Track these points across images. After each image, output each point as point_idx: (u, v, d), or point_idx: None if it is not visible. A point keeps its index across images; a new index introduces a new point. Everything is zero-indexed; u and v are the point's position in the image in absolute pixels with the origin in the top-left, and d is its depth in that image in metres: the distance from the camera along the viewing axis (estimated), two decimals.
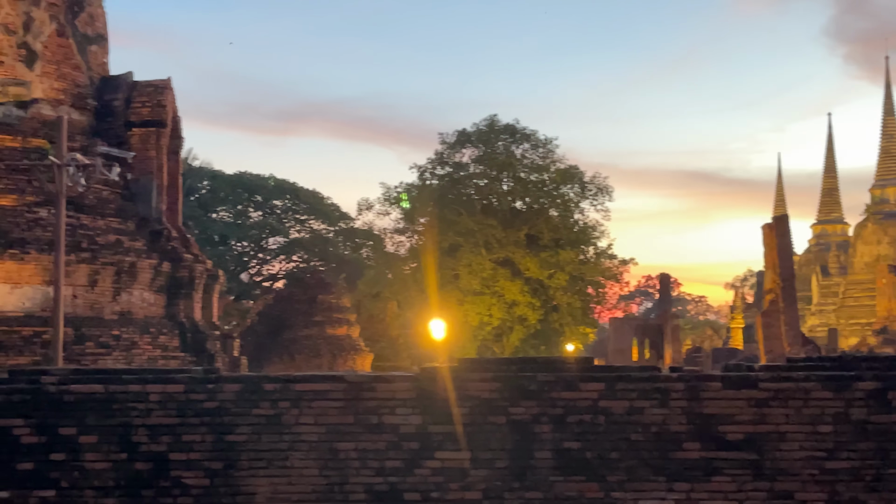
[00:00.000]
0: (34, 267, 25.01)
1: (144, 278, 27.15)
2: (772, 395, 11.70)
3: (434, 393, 11.96)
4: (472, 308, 47.66)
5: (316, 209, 65.84)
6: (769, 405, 11.68)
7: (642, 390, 11.84)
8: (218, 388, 12.13)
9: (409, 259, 53.08)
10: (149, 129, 29.12)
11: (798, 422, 11.65)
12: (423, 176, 52.11)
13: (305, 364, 45.44)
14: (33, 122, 27.15)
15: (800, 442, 11.62)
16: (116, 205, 27.93)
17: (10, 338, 24.26)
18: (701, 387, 11.82)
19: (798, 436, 11.63)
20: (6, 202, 25.81)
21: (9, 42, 27.29)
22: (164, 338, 26.97)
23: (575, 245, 50.31)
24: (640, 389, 11.84)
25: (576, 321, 51.46)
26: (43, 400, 12.08)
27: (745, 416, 11.70)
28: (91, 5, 29.50)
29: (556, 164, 51.05)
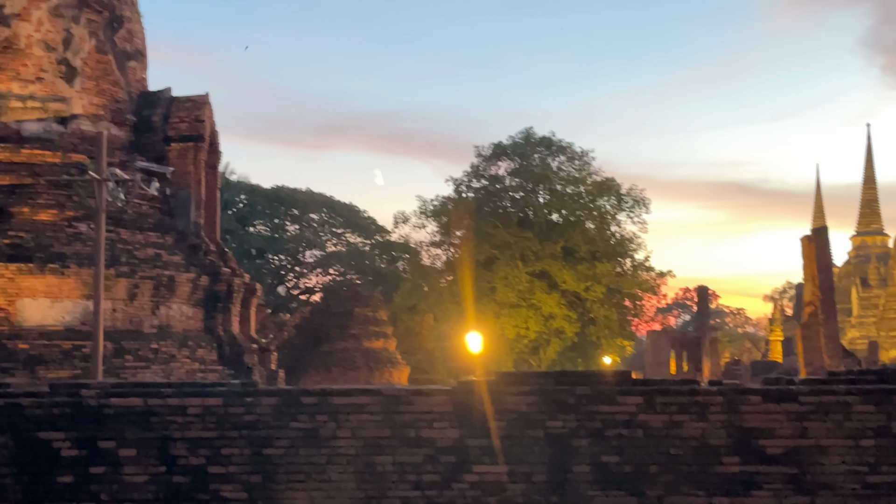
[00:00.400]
0: (74, 281, 25.23)
1: (183, 292, 27.31)
2: (812, 408, 11.60)
3: (471, 406, 11.95)
4: (509, 321, 47.59)
5: (352, 222, 66.01)
6: (810, 419, 11.58)
7: (681, 404, 11.77)
8: (256, 401, 12.18)
9: (446, 272, 53.11)
10: (187, 144, 29.34)
11: (839, 435, 11.54)
12: (459, 189, 52.20)
13: (342, 377, 45.51)
14: (73, 138, 27.40)
15: (841, 456, 11.51)
16: (155, 219, 28.13)
17: (51, 351, 24.47)
18: (740, 400, 11.74)
19: (839, 450, 11.52)
20: (46, 217, 26.06)
21: (49, 59, 27.58)
22: (203, 351, 27.10)
23: (612, 257, 50.15)
24: (678, 403, 11.78)
25: (613, 334, 51.25)
26: (83, 413, 12.18)
27: (785, 429, 11.60)
28: (130, 22, 29.78)
29: (592, 177, 50.97)
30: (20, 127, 27.05)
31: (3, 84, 27.05)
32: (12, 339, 24.41)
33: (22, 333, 24.57)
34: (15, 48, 27.24)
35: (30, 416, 12.17)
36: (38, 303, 24.97)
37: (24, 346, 24.28)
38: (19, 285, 24.88)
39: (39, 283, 24.98)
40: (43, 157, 26.78)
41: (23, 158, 26.65)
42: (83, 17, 28.14)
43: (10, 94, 27.08)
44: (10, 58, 27.18)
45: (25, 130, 27.07)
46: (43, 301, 25.02)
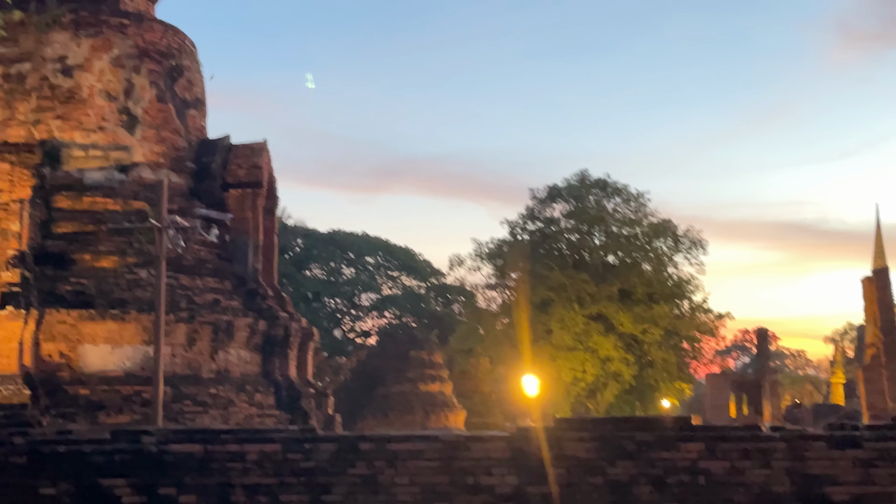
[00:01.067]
0: (134, 327, 25.50)
1: (241, 337, 27.50)
2: (878, 454, 11.40)
3: (530, 453, 11.89)
4: (565, 364, 47.27)
5: (408, 265, 66.22)
6: (875, 465, 11.38)
7: (743, 450, 11.63)
8: (314, 447, 12.21)
9: (501, 314, 52.92)
10: (245, 190, 29.69)
11: None
12: (515, 231, 52.12)
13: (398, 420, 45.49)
14: (134, 186, 27.81)
15: None
16: (214, 265, 28.41)
17: (111, 397, 24.72)
18: (804, 446, 11.58)
19: None
20: (108, 264, 26.41)
21: (110, 108, 28.08)
22: (260, 396, 27.22)
23: (669, 299, 49.68)
24: (740, 449, 11.63)
25: (671, 377, 50.70)
26: (143, 459, 12.28)
27: (850, 476, 11.41)
28: (190, 71, 30.26)
29: (648, 218, 50.66)
30: (82, 175, 27.52)
31: (66, 133, 27.56)
32: (74, 384, 24.70)
33: (83, 379, 24.85)
34: (77, 98, 27.77)
35: (91, 462, 12.29)
36: (99, 349, 25.27)
37: (86, 392, 24.55)
38: (81, 331, 25.20)
39: (101, 328, 25.28)
40: (105, 204, 27.19)
41: (85, 206, 27.09)
42: (144, 67, 28.65)
43: (72, 143, 27.58)
44: (73, 108, 27.72)
45: (87, 179, 27.53)
46: (104, 347, 25.30)
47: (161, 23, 30.01)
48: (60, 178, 27.22)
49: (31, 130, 27.41)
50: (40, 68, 27.80)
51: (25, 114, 27.54)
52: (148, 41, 28.94)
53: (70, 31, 28.08)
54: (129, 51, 28.51)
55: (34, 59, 27.83)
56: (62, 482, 12.24)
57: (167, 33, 29.66)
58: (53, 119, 27.58)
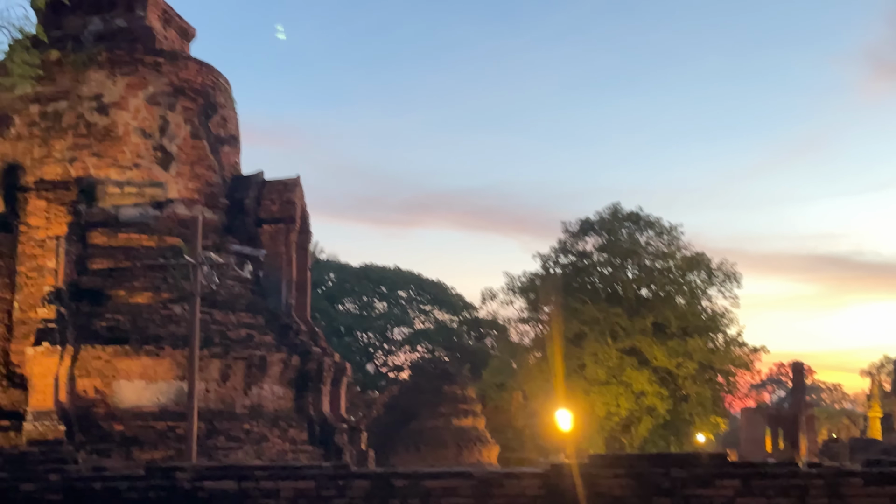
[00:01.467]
0: (169, 362, 25.62)
1: (274, 372, 27.57)
2: None
3: (564, 490, 11.82)
4: (599, 398, 47.01)
5: (440, 299, 66.24)
6: None
7: (780, 487, 11.51)
8: (347, 483, 12.20)
9: (534, 348, 52.75)
10: (278, 225, 29.87)
11: None
12: (547, 265, 52.03)
13: (431, 456, 45.27)
14: (168, 222, 28.04)
15: None
16: (247, 300, 28.54)
17: (146, 432, 24.82)
18: (842, 483, 11.45)
19: None
20: (142, 300, 26.59)
21: (146, 145, 28.36)
22: (294, 431, 27.24)
23: (703, 333, 49.36)
24: (777, 486, 11.52)
25: (706, 411, 50.30)
26: (178, 496, 12.30)
27: None
28: (224, 108, 30.54)
29: (681, 251, 50.45)
30: (118, 212, 27.78)
31: (102, 171, 27.84)
32: (108, 420, 24.83)
33: (118, 415, 24.98)
34: (113, 136, 28.07)
35: (126, 499, 12.33)
36: (133, 384, 25.40)
37: (120, 428, 24.67)
38: (116, 367, 25.35)
39: (135, 364, 25.42)
40: (139, 241, 27.42)
41: (120, 242, 27.32)
42: (178, 104, 28.94)
43: (108, 180, 27.86)
44: (109, 145, 28.01)
45: (123, 215, 27.78)
46: (138, 382, 25.43)
47: (195, 61, 30.34)
48: (96, 215, 27.48)
49: (68, 168, 27.71)
50: (77, 106, 28.14)
51: (62, 151, 27.86)
52: (183, 79, 29.25)
53: (106, 69, 28.43)
54: (164, 88, 28.82)
55: (71, 98, 28.19)
56: None
57: (201, 71, 29.97)
58: (89, 156, 27.88)
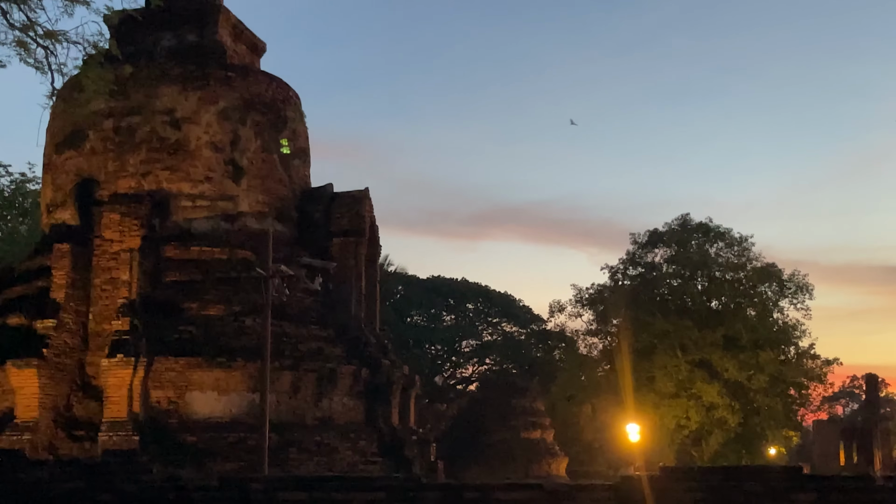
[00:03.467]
0: (240, 374, 25.87)
1: (344, 384, 27.70)
2: None
3: (635, 502, 11.74)
4: (669, 411, 46.59)
5: (508, 312, 66.03)
6: None
7: (856, 501, 11.34)
8: (418, 496, 12.24)
9: (603, 361, 52.47)
10: (348, 238, 30.03)
11: None
12: (615, 276, 51.73)
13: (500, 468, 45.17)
14: (240, 235, 28.33)
15: None
16: (317, 312, 28.71)
17: (218, 443, 25.06)
18: None
19: None
20: (214, 312, 26.88)
21: (217, 159, 28.71)
22: (363, 443, 27.33)
23: (775, 345, 48.68)
24: (853, 500, 11.35)
25: (778, 424, 49.60)
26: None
27: None
28: (293, 121, 30.82)
29: (752, 263, 49.83)
30: (190, 225, 28.15)
31: (175, 185, 28.24)
32: (181, 431, 25.12)
33: (190, 426, 25.27)
34: (185, 150, 28.47)
35: None
36: (206, 396, 25.69)
37: (193, 439, 24.94)
38: (188, 378, 25.66)
39: (208, 376, 25.71)
40: (211, 253, 27.74)
41: (192, 255, 27.67)
42: (249, 118, 29.28)
43: (180, 193, 28.26)
44: (181, 159, 28.41)
45: (195, 229, 28.14)
46: (210, 394, 25.71)
47: (266, 75, 30.68)
48: (169, 228, 27.88)
49: (141, 182, 28.14)
50: (149, 121, 28.56)
51: (135, 165, 28.30)
52: (253, 93, 29.60)
53: (178, 84, 28.84)
54: (235, 103, 29.18)
55: (144, 112, 28.62)
56: None
57: (272, 85, 30.30)
58: (162, 170, 28.29)
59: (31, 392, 25.52)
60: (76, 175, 28.68)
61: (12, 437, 24.96)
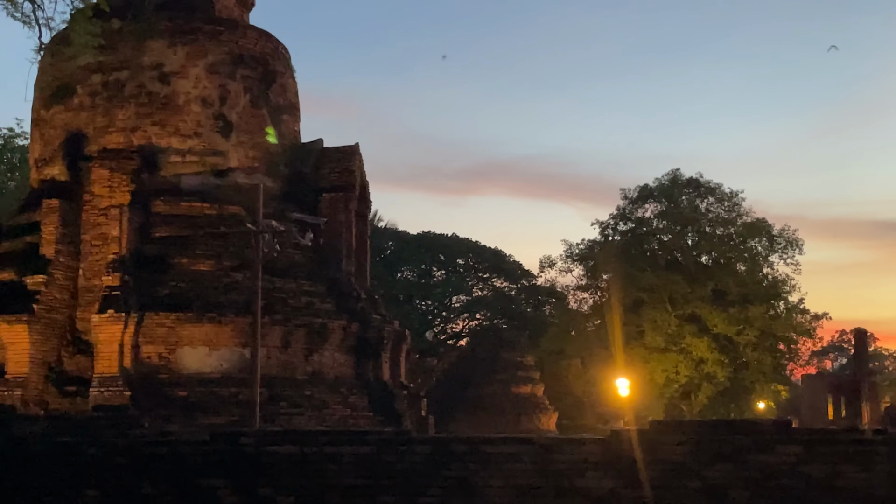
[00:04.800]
0: (231, 329, 25.90)
1: (335, 339, 27.76)
2: None
3: (624, 456, 11.82)
4: (658, 365, 46.88)
5: (498, 267, 66.13)
6: None
7: (844, 453, 11.42)
8: (409, 449, 12.30)
9: (593, 316, 52.69)
10: (337, 194, 29.94)
11: None
12: (606, 232, 51.88)
13: (490, 422, 45.46)
14: (229, 190, 28.23)
15: None
16: (307, 268, 28.70)
17: (208, 398, 25.13)
18: None
19: None
20: (204, 267, 26.86)
21: (206, 114, 28.54)
22: (354, 398, 27.44)
23: (764, 300, 48.93)
24: (841, 453, 11.43)
25: (767, 379, 49.97)
26: (241, 461, 12.48)
27: None
28: (283, 76, 30.63)
29: (742, 218, 49.99)
30: (179, 181, 28.02)
31: (164, 140, 28.10)
32: (172, 386, 25.18)
33: (181, 381, 25.32)
34: (174, 105, 28.29)
35: (191, 463, 12.53)
36: (196, 351, 25.72)
37: (184, 394, 25.00)
38: (179, 334, 25.68)
39: (198, 331, 25.73)
40: (201, 209, 27.66)
41: (182, 211, 27.59)
42: (238, 73, 29.08)
43: (169, 149, 28.12)
44: (170, 114, 28.25)
45: (184, 184, 28.02)
46: (201, 349, 25.75)
47: (254, 29, 30.45)
48: (158, 184, 27.76)
49: (130, 137, 27.99)
50: (138, 76, 28.36)
51: (124, 121, 28.13)
52: (242, 47, 29.39)
53: (166, 38, 28.61)
54: (224, 57, 28.96)
55: (132, 67, 28.41)
56: (162, 483, 12.51)
57: (260, 39, 30.08)
58: (151, 125, 28.12)
59: (21, 347, 25.55)
60: (64, 130, 28.53)
61: (3, 392, 25.02)
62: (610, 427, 28.18)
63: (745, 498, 11.48)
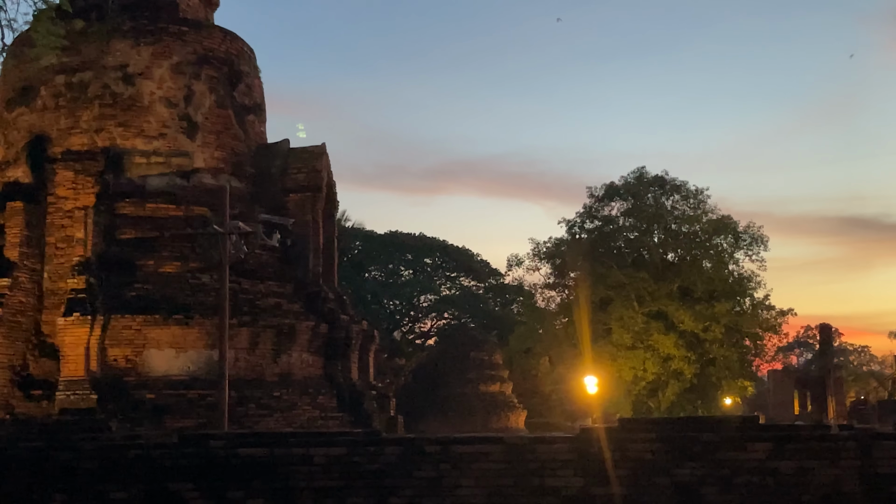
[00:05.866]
0: (198, 331, 25.78)
1: (303, 340, 27.69)
2: None
3: (595, 454, 11.84)
4: (626, 363, 47.00)
5: (466, 266, 66.25)
6: None
7: (812, 450, 11.51)
8: (379, 450, 12.26)
9: (560, 314, 52.76)
10: (305, 194, 29.89)
11: None
12: (573, 230, 51.89)
13: (459, 421, 45.47)
14: (195, 191, 28.10)
15: None
16: (275, 268, 28.62)
17: (176, 401, 25.02)
18: (874, 445, 11.44)
19: None
20: (171, 269, 26.72)
21: (171, 115, 28.40)
22: (323, 398, 27.39)
23: (730, 296, 49.15)
24: (809, 449, 11.51)
25: (733, 374, 50.19)
26: (211, 464, 12.38)
27: None
28: (248, 76, 30.52)
29: (707, 215, 50.17)
30: (144, 182, 27.87)
31: (128, 141, 27.93)
32: (139, 389, 25.05)
33: (148, 383, 25.19)
34: (139, 106, 28.13)
35: (160, 466, 12.43)
36: (163, 353, 25.60)
37: (151, 396, 24.89)
38: (145, 336, 25.55)
39: (165, 333, 25.60)
40: (167, 210, 27.52)
41: (147, 213, 27.44)
42: (203, 73, 28.95)
43: (134, 150, 27.95)
44: (134, 115, 28.08)
45: (149, 185, 27.87)
46: (168, 351, 25.62)
47: (219, 29, 30.33)
48: (123, 185, 27.60)
49: (94, 138, 27.81)
50: (102, 76, 28.18)
51: (88, 122, 27.94)
52: (207, 48, 29.26)
53: (130, 39, 28.45)
54: (189, 57, 28.83)
55: (96, 68, 28.23)
56: (132, 486, 12.40)
57: (226, 39, 29.96)
58: (115, 127, 27.96)
59: None
60: (28, 132, 28.29)
61: None
62: (578, 425, 28.33)
63: (714, 494, 11.54)
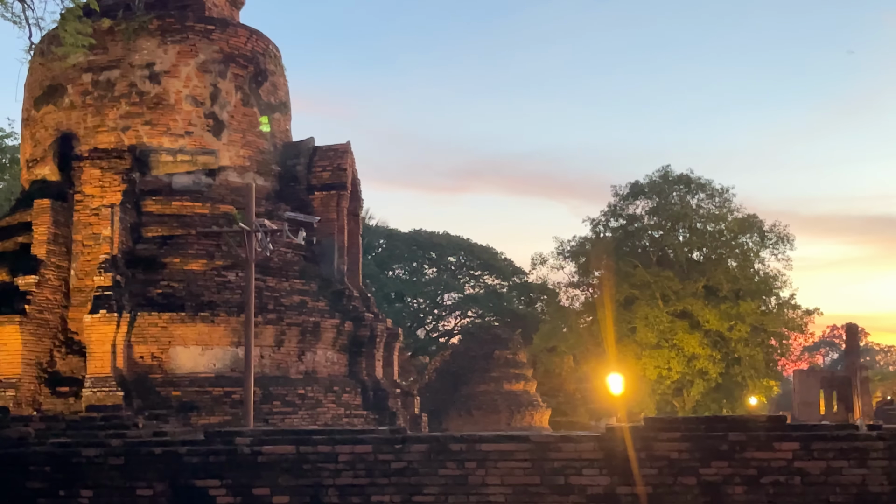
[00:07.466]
0: (224, 329, 25.87)
1: (328, 338, 27.75)
2: None
3: (621, 453, 11.81)
4: (650, 362, 46.88)
5: (490, 264, 66.21)
6: None
7: (840, 449, 11.44)
8: (405, 448, 12.26)
9: (585, 312, 52.67)
10: (330, 192, 29.96)
11: None
12: (597, 229, 51.82)
13: (483, 420, 45.50)
14: (221, 189, 28.22)
15: None
16: (300, 266, 28.70)
17: (202, 398, 25.12)
18: None
19: None
20: (196, 267, 26.83)
21: (197, 113, 28.50)
22: (348, 396, 27.45)
23: (756, 295, 48.94)
24: (837, 449, 11.44)
25: (759, 374, 49.96)
26: (237, 461, 12.43)
27: None
28: (274, 74, 30.60)
29: (733, 214, 49.97)
30: (171, 180, 28.00)
31: (155, 139, 28.05)
32: (165, 386, 25.16)
33: (174, 381, 25.30)
34: (165, 104, 28.25)
35: (186, 464, 12.48)
36: (189, 350, 25.71)
37: (177, 394, 24.99)
38: (172, 333, 25.65)
39: (191, 331, 25.71)
40: (193, 208, 27.62)
41: (173, 210, 27.55)
42: (229, 71, 29.04)
43: (161, 148, 28.08)
44: (161, 113, 28.19)
45: (176, 183, 28.00)
46: (194, 349, 25.73)
47: (245, 27, 30.42)
48: (149, 183, 27.73)
49: (121, 136, 27.94)
50: (128, 75, 28.30)
51: (115, 120, 28.07)
52: (233, 46, 29.34)
53: (157, 37, 28.56)
54: (215, 56, 28.92)
55: (122, 66, 28.36)
56: (158, 483, 12.45)
57: (252, 38, 30.04)
58: (142, 125, 28.08)
59: (13, 348, 25.49)
60: (55, 130, 28.46)
61: None
62: (603, 423, 28.29)
63: (741, 494, 11.49)
